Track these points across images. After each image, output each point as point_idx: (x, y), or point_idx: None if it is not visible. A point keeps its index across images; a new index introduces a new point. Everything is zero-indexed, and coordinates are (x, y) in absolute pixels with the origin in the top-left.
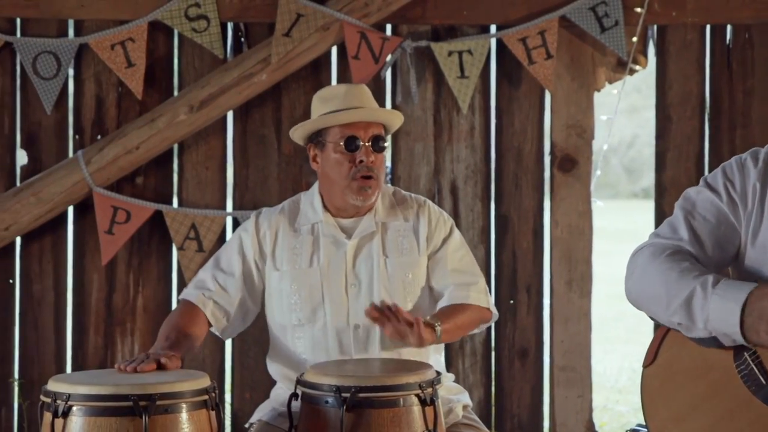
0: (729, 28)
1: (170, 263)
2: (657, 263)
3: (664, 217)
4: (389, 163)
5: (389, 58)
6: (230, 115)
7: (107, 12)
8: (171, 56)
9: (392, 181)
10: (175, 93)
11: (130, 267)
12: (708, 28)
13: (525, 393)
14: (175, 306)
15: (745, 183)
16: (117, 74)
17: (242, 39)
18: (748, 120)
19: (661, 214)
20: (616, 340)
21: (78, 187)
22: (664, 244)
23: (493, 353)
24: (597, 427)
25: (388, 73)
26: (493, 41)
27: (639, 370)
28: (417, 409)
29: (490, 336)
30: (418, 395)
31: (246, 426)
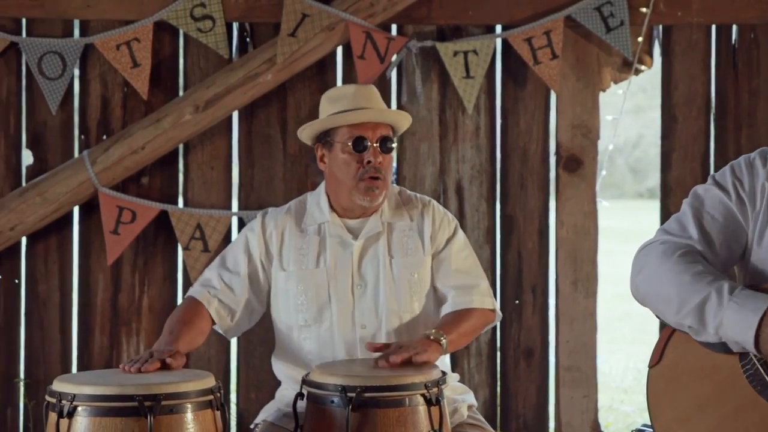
0: (734, 28)
1: (176, 263)
2: (669, 264)
3: (670, 217)
4: (395, 163)
5: (395, 58)
6: (236, 115)
7: (113, 12)
8: (176, 56)
9: (398, 181)
10: (181, 93)
11: (135, 267)
12: (713, 28)
13: (530, 393)
14: None
15: (754, 182)
16: (122, 74)
17: (247, 39)
18: (754, 120)
19: (666, 214)
20: (621, 340)
21: (83, 187)
22: (675, 243)
23: (498, 353)
24: (602, 427)
25: (394, 73)
26: (498, 41)
27: (644, 370)
28: (423, 408)
29: (496, 336)
30: (423, 395)
31: (251, 426)
